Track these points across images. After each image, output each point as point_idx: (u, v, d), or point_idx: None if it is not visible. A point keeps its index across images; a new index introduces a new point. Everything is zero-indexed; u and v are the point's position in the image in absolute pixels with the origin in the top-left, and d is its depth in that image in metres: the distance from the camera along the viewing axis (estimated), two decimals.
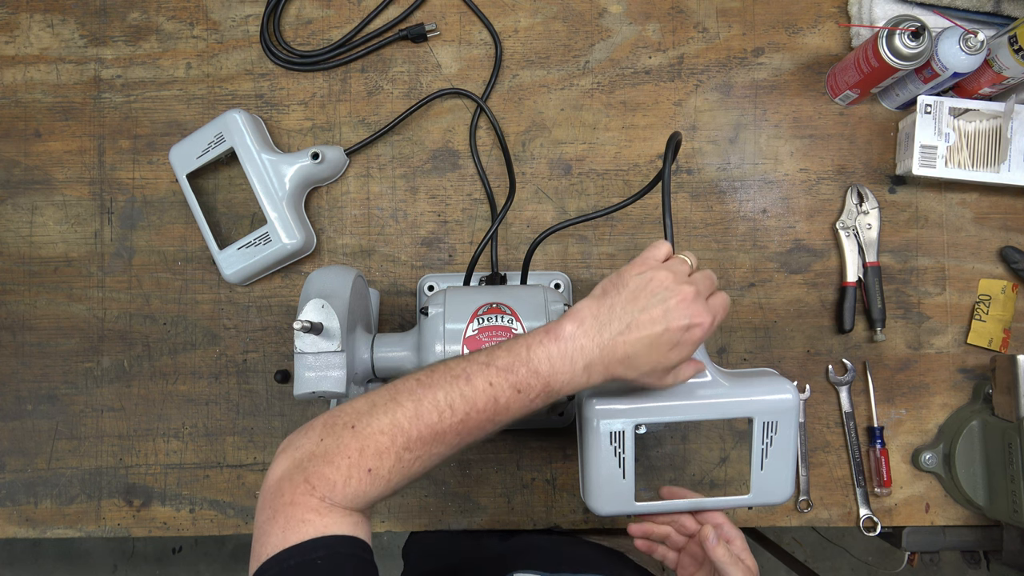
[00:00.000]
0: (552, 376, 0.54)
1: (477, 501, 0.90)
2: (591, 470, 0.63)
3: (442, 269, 0.92)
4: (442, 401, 0.54)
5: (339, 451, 0.52)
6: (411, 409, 0.53)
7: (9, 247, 0.93)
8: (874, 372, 0.90)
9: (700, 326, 0.55)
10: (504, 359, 0.55)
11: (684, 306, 0.55)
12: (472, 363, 0.55)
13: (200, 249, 0.92)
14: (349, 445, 0.52)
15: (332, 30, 0.94)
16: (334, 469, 0.52)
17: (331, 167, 0.89)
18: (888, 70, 0.82)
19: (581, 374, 0.55)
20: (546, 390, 0.55)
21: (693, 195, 0.92)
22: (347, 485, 0.51)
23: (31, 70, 0.94)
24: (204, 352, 0.92)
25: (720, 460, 0.90)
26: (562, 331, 0.55)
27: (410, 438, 0.53)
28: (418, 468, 0.54)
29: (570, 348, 0.55)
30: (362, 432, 0.53)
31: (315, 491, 0.51)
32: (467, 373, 0.54)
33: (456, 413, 0.54)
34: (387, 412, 0.53)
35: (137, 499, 0.90)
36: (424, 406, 0.53)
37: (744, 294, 0.91)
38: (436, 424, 0.53)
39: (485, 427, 0.55)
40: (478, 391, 0.54)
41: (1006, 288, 0.90)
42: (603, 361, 0.55)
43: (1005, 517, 0.82)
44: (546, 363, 0.54)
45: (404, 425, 0.53)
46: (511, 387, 0.54)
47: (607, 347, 0.55)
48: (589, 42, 0.93)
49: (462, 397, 0.54)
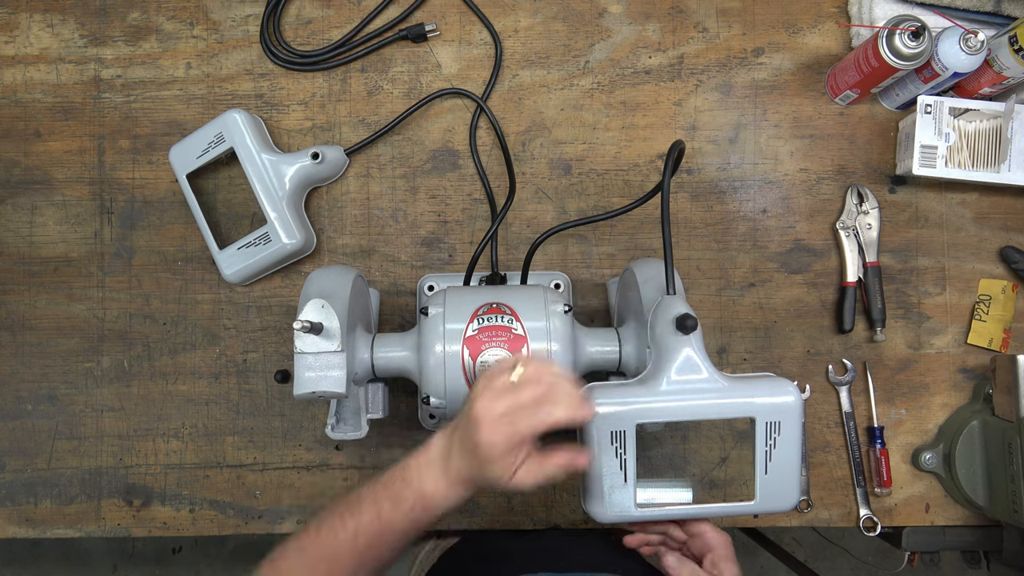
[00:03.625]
0: (421, 483, 0.60)
1: (477, 501, 0.90)
2: (591, 473, 0.63)
3: (442, 269, 0.92)
4: (337, 520, 0.60)
5: None
6: (313, 533, 0.61)
7: (9, 247, 0.93)
8: (874, 372, 0.90)
9: (492, 445, 0.58)
10: (386, 476, 0.62)
11: (481, 428, 0.58)
12: (367, 485, 0.62)
13: (200, 249, 0.92)
14: None
15: (332, 30, 0.94)
16: None
17: (331, 167, 0.89)
18: (888, 70, 0.82)
19: (443, 478, 0.61)
20: (421, 500, 0.60)
21: (693, 195, 0.92)
22: None
23: (31, 70, 0.94)
24: (204, 352, 0.92)
25: (720, 460, 0.90)
26: (431, 444, 0.62)
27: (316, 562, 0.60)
28: None
29: (435, 455, 0.61)
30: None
31: None
32: (359, 494, 0.62)
33: (347, 530, 0.59)
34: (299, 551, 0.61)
35: (137, 499, 0.90)
36: (323, 527, 0.60)
37: (744, 294, 0.91)
38: (332, 543, 0.60)
39: (378, 546, 0.60)
40: (364, 507, 0.60)
41: (1006, 288, 0.90)
42: (459, 467, 0.60)
43: (1005, 517, 0.82)
44: (415, 471, 0.61)
45: (310, 551, 0.60)
46: (389, 500, 0.60)
47: (457, 457, 0.61)
48: (589, 42, 0.93)
49: (351, 514, 0.60)
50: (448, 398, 0.72)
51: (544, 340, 0.71)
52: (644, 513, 0.64)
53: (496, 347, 0.71)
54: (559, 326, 0.72)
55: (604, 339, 0.77)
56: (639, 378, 0.66)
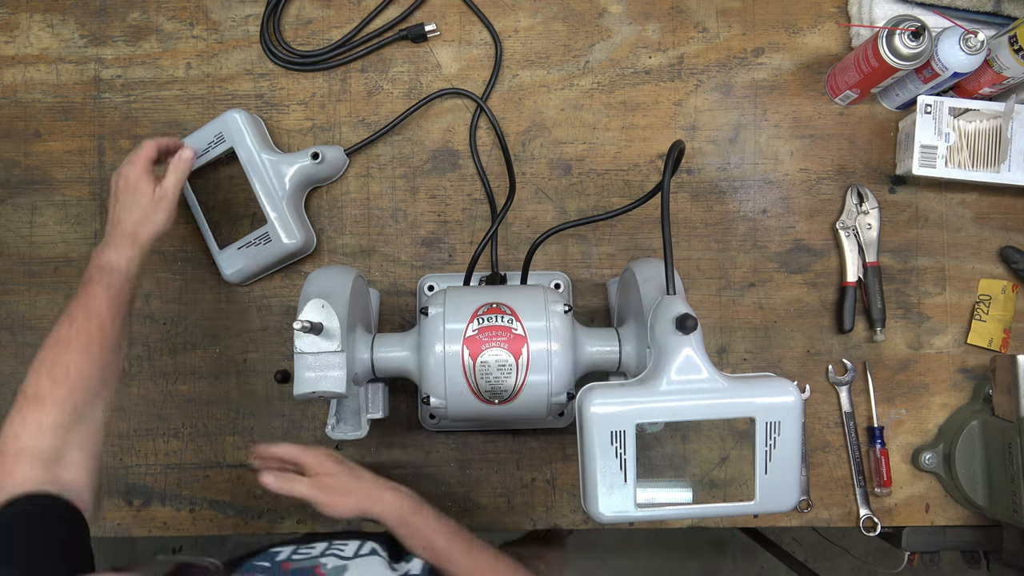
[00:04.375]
0: (97, 256, 0.74)
1: (477, 501, 0.90)
2: (591, 473, 0.63)
3: (442, 269, 0.92)
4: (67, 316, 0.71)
5: None
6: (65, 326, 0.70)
7: (9, 247, 0.93)
8: (874, 372, 0.90)
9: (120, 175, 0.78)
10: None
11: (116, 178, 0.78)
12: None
13: (200, 249, 0.92)
14: None
15: (332, 30, 0.94)
16: None
17: (331, 167, 0.89)
18: (888, 70, 0.82)
19: (107, 240, 0.76)
20: (98, 265, 0.74)
21: (693, 195, 0.92)
22: None
23: (31, 70, 0.94)
24: (204, 352, 0.91)
25: (720, 460, 0.90)
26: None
27: None
28: None
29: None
30: None
31: None
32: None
33: (71, 314, 0.71)
34: None
35: (137, 499, 0.90)
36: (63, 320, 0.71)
37: (744, 294, 0.91)
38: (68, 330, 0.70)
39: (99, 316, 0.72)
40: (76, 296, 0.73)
41: (1006, 288, 0.90)
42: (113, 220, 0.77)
43: (1005, 517, 0.82)
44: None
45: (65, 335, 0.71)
46: (86, 281, 0.74)
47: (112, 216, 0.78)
48: (589, 42, 0.93)
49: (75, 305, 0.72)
50: (448, 398, 0.72)
51: (544, 340, 0.71)
52: (644, 513, 0.64)
53: (496, 347, 0.71)
54: (559, 326, 0.72)
55: (604, 339, 0.77)
56: (639, 378, 0.66)
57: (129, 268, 0.74)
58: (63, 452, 0.64)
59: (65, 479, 0.63)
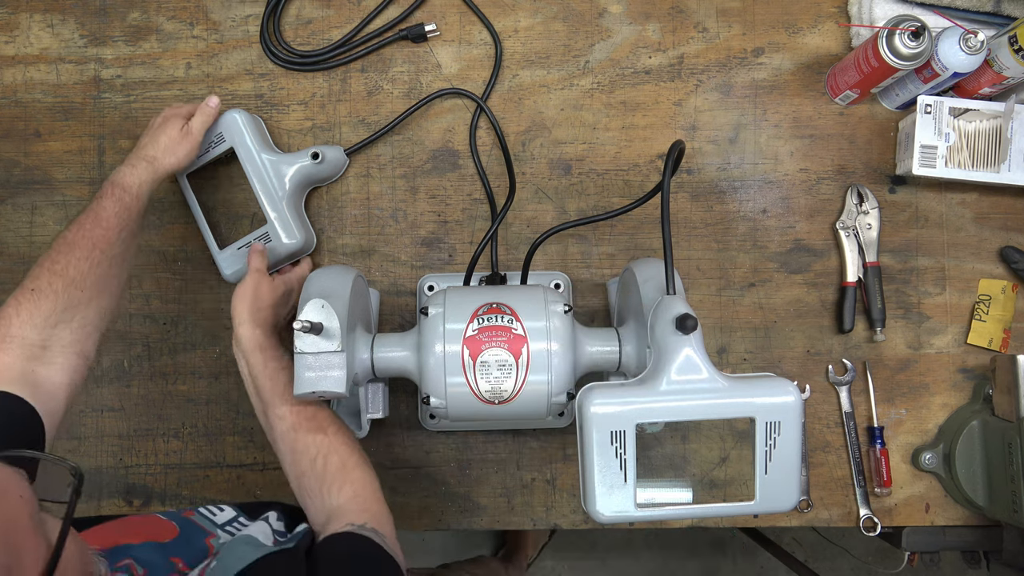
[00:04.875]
0: (112, 176, 0.79)
1: (477, 501, 0.90)
2: (591, 473, 0.63)
3: (442, 269, 0.92)
4: (76, 225, 0.75)
5: None
6: (73, 230, 0.74)
7: (9, 247, 0.93)
8: (874, 372, 0.90)
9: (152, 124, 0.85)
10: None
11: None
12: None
13: (200, 249, 0.92)
14: None
15: (332, 30, 0.94)
16: None
17: (331, 167, 0.89)
18: (888, 70, 0.82)
19: (126, 163, 0.80)
20: (111, 184, 0.79)
21: (693, 195, 0.92)
22: None
23: (31, 70, 0.94)
24: (204, 352, 0.91)
25: (720, 460, 0.90)
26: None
27: None
28: None
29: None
30: None
31: None
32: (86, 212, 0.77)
33: (82, 226, 0.75)
34: None
35: (137, 499, 0.90)
36: (71, 228, 0.76)
37: (744, 294, 0.91)
38: (78, 234, 0.74)
39: (105, 228, 0.75)
40: (87, 212, 0.77)
41: (1006, 288, 0.90)
42: (135, 149, 0.83)
43: (1005, 517, 0.82)
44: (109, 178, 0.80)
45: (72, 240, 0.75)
46: (97, 199, 0.78)
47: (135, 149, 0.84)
48: (589, 42, 0.93)
49: (85, 219, 0.75)
50: (448, 398, 0.72)
51: (544, 340, 0.71)
52: (644, 513, 0.64)
53: (496, 347, 0.71)
54: (559, 326, 0.72)
55: (604, 339, 0.77)
56: (639, 378, 0.66)
57: (141, 189, 0.77)
58: (48, 345, 0.67)
59: (40, 374, 0.66)
